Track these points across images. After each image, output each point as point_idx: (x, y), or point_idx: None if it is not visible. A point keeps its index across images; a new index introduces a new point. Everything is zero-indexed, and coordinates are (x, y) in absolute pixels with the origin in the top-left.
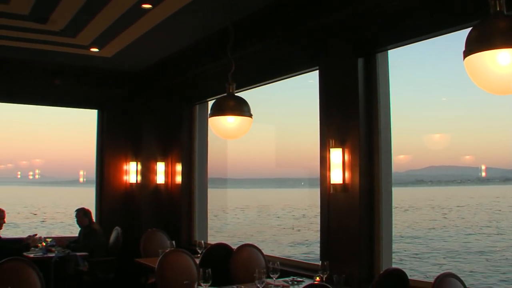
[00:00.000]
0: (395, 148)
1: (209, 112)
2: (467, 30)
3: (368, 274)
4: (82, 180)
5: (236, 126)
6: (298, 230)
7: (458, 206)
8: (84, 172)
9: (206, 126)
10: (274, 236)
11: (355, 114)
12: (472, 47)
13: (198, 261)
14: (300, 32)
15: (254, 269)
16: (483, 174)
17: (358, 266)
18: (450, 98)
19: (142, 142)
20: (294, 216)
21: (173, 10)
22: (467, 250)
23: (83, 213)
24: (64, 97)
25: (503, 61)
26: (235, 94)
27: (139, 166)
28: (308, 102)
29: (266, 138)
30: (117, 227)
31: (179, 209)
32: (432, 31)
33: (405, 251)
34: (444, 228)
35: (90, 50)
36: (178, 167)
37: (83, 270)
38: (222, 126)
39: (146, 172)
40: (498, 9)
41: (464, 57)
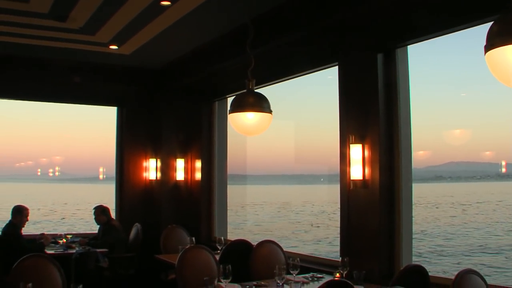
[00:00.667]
0: (414, 143)
1: (228, 108)
2: (488, 25)
3: (388, 270)
4: (102, 177)
5: (256, 122)
6: (318, 226)
7: (478, 203)
8: (104, 169)
9: (225, 123)
10: (293, 233)
11: (375, 110)
12: (493, 42)
13: (218, 257)
14: (319, 27)
15: (274, 265)
16: (504, 170)
17: (378, 262)
18: (470, 94)
19: (161, 139)
20: (313, 212)
21: (192, 7)
22: (486, 247)
23: (101, 210)
24: (83, 94)
25: None
26: (255, 91)
27: (159, 163)
28: (327, 98)
29: (286, 134)
30: (137, 224)
31: (199, 205)
32: (452, 26)
33: (423, 248)
34: (464, 224)
35: (109, 47)
36: (198, 164)
37: (104, 266)
38: (242, 123)
39: (166, 168)
40: None
41: (485, 51)
